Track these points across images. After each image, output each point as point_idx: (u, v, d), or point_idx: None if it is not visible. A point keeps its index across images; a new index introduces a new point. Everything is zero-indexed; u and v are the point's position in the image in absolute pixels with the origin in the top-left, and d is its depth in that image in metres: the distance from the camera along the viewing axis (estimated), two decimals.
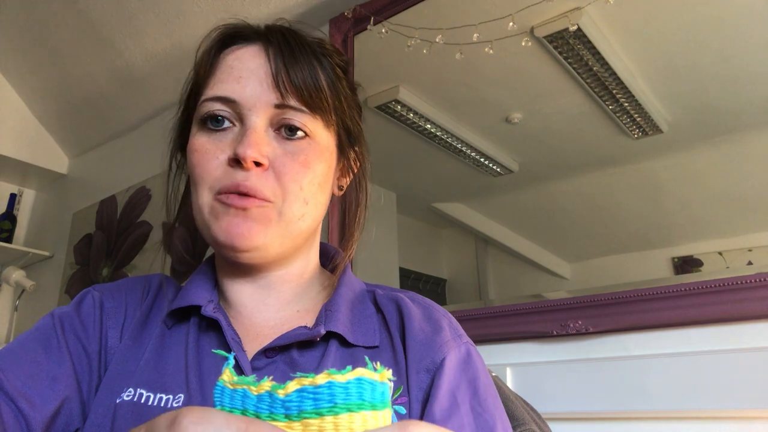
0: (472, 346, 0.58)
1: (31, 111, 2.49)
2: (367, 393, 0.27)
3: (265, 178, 0.54)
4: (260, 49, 0.58)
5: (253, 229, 0.53)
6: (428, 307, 0.60)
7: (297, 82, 0.55)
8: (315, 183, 0.57)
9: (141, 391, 0.53)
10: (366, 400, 0.27)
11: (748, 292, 0.88)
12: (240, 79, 0.56)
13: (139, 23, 1.89)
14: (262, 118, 0.55)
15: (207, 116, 0.56)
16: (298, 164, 0.55)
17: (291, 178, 0.55)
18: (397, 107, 1.42)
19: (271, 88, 0.55)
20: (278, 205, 0.54)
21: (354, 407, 0.27)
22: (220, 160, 0.55)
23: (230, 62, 0.57)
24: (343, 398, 0.27)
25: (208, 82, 0.58)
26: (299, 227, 0.57)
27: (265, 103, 0.55)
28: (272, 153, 0.55)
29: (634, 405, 0.93)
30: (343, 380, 0.27)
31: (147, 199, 2.09)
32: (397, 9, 1.45)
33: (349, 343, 0.56)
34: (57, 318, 0.58)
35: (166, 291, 0.64)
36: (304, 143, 0.56)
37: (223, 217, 0.54)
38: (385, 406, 0.28)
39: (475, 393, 0.53)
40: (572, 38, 1.17)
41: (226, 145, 0.55)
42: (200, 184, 0.55)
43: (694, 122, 1.06)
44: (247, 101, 0.55)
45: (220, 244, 0.55)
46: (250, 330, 0.58)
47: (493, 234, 1.32)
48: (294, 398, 0.27)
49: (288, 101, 0.55)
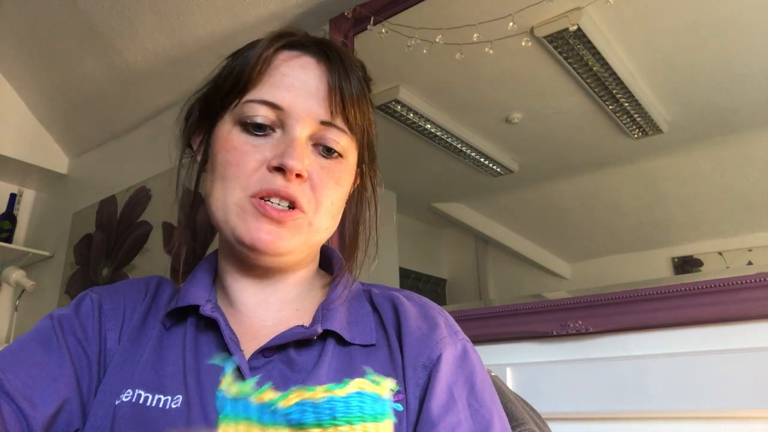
0: (468, 342, 0.58)
1: (31, 111, 2.49)
2: (367, 406, 0.28)
3: (302, 189, 0.55)
4: (314, 62, 0.58)
5: (284, 237, 0.54)
6: (424, 305, 0.61)
7: (347, 104, 0.57)
8: (342, 199, 0.60)
9: (140, 392, 0.53)
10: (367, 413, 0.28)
11: (748, 292, 0.88)
12: (292, 87, 0.56)
13: (139, 23, 1.89)
14: (306, 131, 0.56)
15: (250, 119, 0.56)
16: (333, 181, 0.57)
17: (325, 193, 0.56)
18: (397, 107, 1.42)
19: (321, 104, 0.56)
20: (310, 216, 0.56)
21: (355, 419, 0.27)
22: (258, 162, 0.55)
23: (283, 69, 0.57)
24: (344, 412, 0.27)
25: (257, 83, 0.57)
26: (321, 238, 0.59)
27: (313, 118, 0.56)
28: (310, 166, 0.56)
29: (634, 405, 0.93)
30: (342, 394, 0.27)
31: (147, 199, 2.09)
32: (397, 9, 1.45)
33: (346, 341, 0.56)
34: (56, 319, 0.58)
35: (164, 292, 0.64)
36: (338, 162, 0.58)
37: (253, 221, 0.54)
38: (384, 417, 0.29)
39: (471, 389, 0.54)
40: (572, 38, 1.17)
41: (266, 149, 0.55)
42: (232, 181, 0.55)
43: (694, 122, 1.06)
44: (296, 112, 0.55)
45: (243, 245, 0.55)
46: (249, 329, 0.59)
47: (493, 234, 1.32)
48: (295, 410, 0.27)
49: (336, 122, 0.57)
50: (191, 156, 0.65)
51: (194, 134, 0.64)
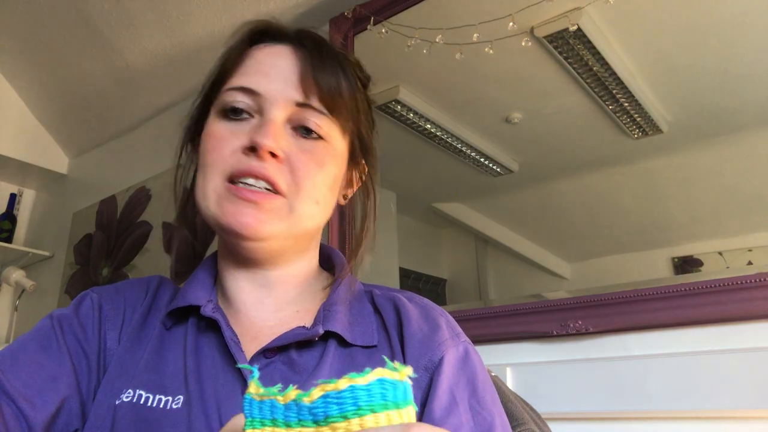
0: (470, 344, 0.58)
1: (31, 111, 2.49)
2: (389, 393, 0.28)
3: (280, 170, 0.54)
4: (289, 50, 0.59)
5: (263, 220, 0.54)
6: (426, 306, 0.60)
7: (321, 84, 0.57)
8: (327, 184, 0.58)
9: (140, 392, 0.53)
10: (389, 400, 0.28)
11: (748, 292, 0.88)
12: (267, 74, 0.57)
13: (139, 23, 1.89)
14: (282, 113, 0.56)
15: (227, 106, 0.57)
16: (313, 162, 0.56)
17: (305, 174, 0.55)
18: (397, 107, 1.42)
19: (296, 87, 0.56)
20: (290, 201, 0.55)
21: (378, 407, 0.28)
22: (235, 146, 0.55)
23: (259, 57, 0.59)
24: (366, 400, 0.28)
25: (234, 74, 0.58)
26: (306, 226, 0.57)
27: (288, 100, 0.56)
28: (288, 147, 0.55)
29: (634, 405, 0.93)
30: (364, 383, 0.28)
31: (147, 199, 2.09)
32: (397, 9, 1.45)
33: (348, 342, 0.56)
34: (56, 319, 0.58)
35: (164, 292, 0.64)
36: (319, 144, 0.57)
37: (230, 206, 0.54)
38: (407, 404, 0.29)
39: (473, 391, 0.54)
40: (572, 38, 1.17)
41: (243, 133, 0.56)
42: (211, 168, 0.56)
43: (694, 122, 1.06)
44: (271, 94, 0.56)
45: (225, 230, 0.55)
46: (249, 330, 0.58)
47: (493, 234, 1.32)
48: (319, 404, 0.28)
49: (310, 101, 0.56)
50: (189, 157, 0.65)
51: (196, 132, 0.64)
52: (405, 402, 0.29)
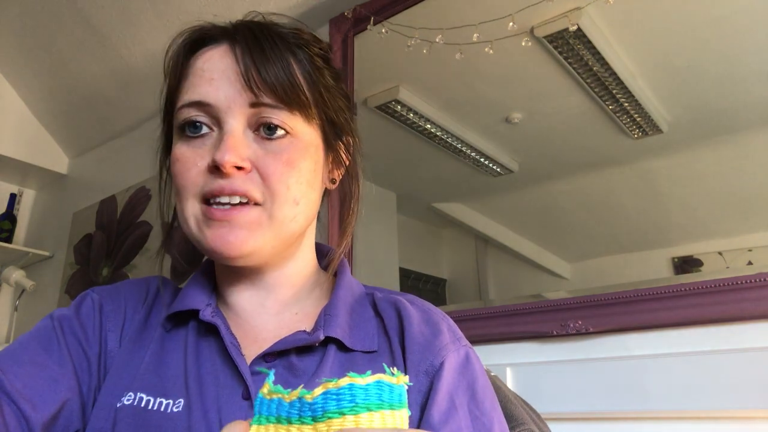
0: (470, 349, 0.58)
1: (31, 111, 2.49)
2: (385, 394, 0.30)
3: (250, 180, 0.53)
4: (228, 48, 0.56)
5: (240, 237, 0.52)
6: (427, 310, 0.60)
7: (269, 78, 0.53)
8: (303, 182, 0.55)
9: (141, 395, 0.53)
10: (385, 401, 0.30)
11: (748, 292, 0.88)
12: (212, 81, 0.54)
13: (139, 23, 1.89)
14: (239, 120, 0.54)
15: (184, 123, 0.55)
16: (282, 164, 0.54)
17: (277, 178, 0.53)
18: (397, 107, 1.42)
19: (244, 88, 0.53)
20: (268, 208, 0.53)
21: (374, 406, 0.29)
22: (199, 167, 0.54)
23: (200, 65, 0.56)
24: (363, 398, 0.29)
25: (181, 88, 0.57)
26: (291, 229, 0.56)
27: (240, 104, 0.53)
28: (253, 155, 0.53)
29: (634, 405, 0.93)
30: (363, 383, 0.30)
31: (147, 199, 2.09)
32: (397, 9, 1.45)
33: (348, 347, 0.56)
34: (56, 320, 0.57)
35: (165, 294, 0.64)
36: (285, 142, 0.54)
37: (206, 229, 0.53)
38: (402, 407, 0.31)
39: (473, 396, 0.53)
40: (572, 38, 1.17)
41: (206, 151, 0.54)
42: (184, 192, 0.55)
43: (694, 122, 1.06)
44: (222, 103, 0.54)
45: (210, 253, 0.54)
46: (249, 334, 0.58)
47: (493, 234, 1.32)
48: (319, 401, 0.30)
49: (262, 99, 0.53)
50: None
51: None
52: (400, 404, 0.30)
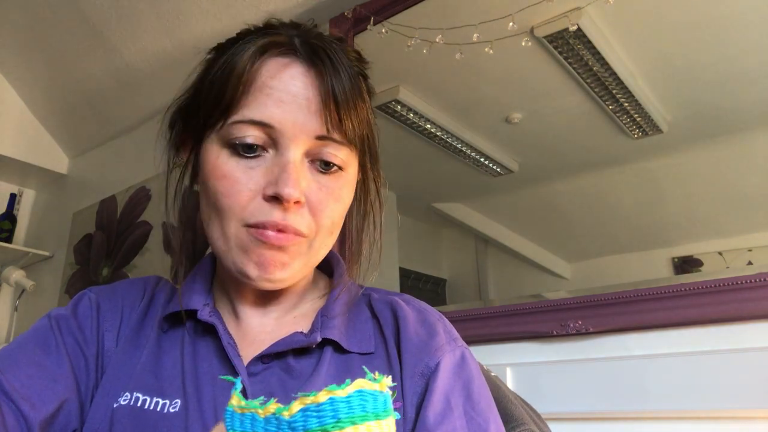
0: (466, 349, 0.58)
1: (31, 111, 2.49)
2: (369, 404, 0.28)
3: (301, 215, 0.52)
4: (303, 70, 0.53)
5: (286, 267, 0.53)
6: (423, 310, 0.60)
7: (342, 112, 0.52)
8: (343, 214, 0.57)
9: (138, 395, 0.53)
10: (369, 411, 0.28)
11: (748, 292, 0.88)
12: (280, 103, 0.51)
13: (139, 23, 1.89)
14: (301, 149, 0.52)
15: (239, 141, 0.51)
16: (332, 200, 0.54)
17: (326, 214, 0.54)
18: (397, 107, 1.42)
19: (315, 117, 0.51)
20: (310, 239, 0.54)
21: (358, 419, 0.28)
22: (252, 191, 0.51)
23: (268, 81, 0.52)
24: (346, 412, 0.28)
25: (242, 101, 0.52)
26: (321, 256, 0.58)
27: (307, 134, 0.51)
28: (308, 187, 0.52)
29: (634, 405, 0.93)
30: (343, 395, 0.28)
31: (147, 199, 2.09)
32: (397, 9, 1.45)
33: (345, 349, 0.56)
34: (54, 320, 0.57)
35: (161, 293, 0.64)
36: (337, 177, 0.55)
37: (254, 250, 0.52)
38: (387, 415, 0.29)
39: (468, 397, 0.53)
40: (572, 38, 1.17)
41: (259, 175, 0.51)
42: (227, 213, 0.52)
43: (694, 122, 1.06)
44: (288, 129, 0.51)
45: (248, 277, 0.53)
46: (247, 334, 0.58)
47: (493, 234, 1.32)
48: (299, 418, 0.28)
49: (333, 135, 0.52)
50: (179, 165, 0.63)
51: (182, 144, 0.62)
52: (385, 413, 0.29)
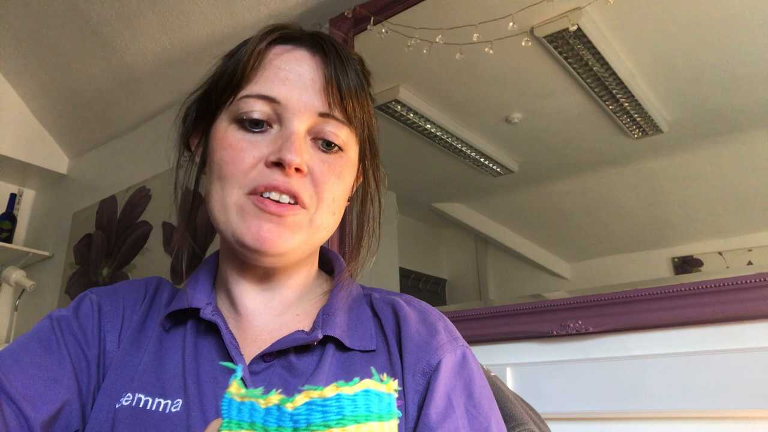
0: (467, 348, 0.58)
1: (31, 111, 2.49)
2: (374, 404, 0.28)
3: (303, 183, 0.54)
4: (307, 54, 0.57)
5: (284, 235, 0.53)
6: (424, 310, 0.60)
7: (344, 93, 0.56)
8: (344, 195, 0.59)
9: (140, 396, 0.53)
10: (373, 412, 0.28)
11: (748, 292, 0.88)
12: (287, 81, 0.55)
13: (139, 23, 1.89)
14: (304, 124, 0.55)
15: (246, 115, 0.55)
16: (334, 176, 0.56)
17: (327, 188, 0.55)
18: (397, 107, 1.42)
19: (319, 96, 0.55)
20: (311, 213, 0.55)
21: (361, 418, 0.28)
22: (255, 158, 0.54)
23: (277, 63, 0.56)
24: (351, 410, 0.28)
25: (251, 78, 0.56)
26: (321, 236, 0.58)
27: (311, 110, 0.55)
28: (310, 160, 0.55)
29: (634, 405, 0.93)
30: (350, 392, 0.28)
31: (147, 199, 2.09)
32: (397, 9, 1.45)
33: (346, 347, 0.56)
34: (55, 320, 0.57)
35: (163, 294, 0.64)
36: (338, 156, 0.57)
37: (253, 220, 0.53)
38: (391, 417, 0.29)
39: (470, 395, 0.54)
40: (572, 38, 1.17)
41: (264, 144, 0.54)
42: (230, 181, 0.54)
43: (694, 122, 1.06)
44: (293, 105, 0.54)
45: (244, 246, 0.54)
46: (249, 333, 0.58)
47: (493, 234, 1.32)
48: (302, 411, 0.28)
49: (334, 113, 0.55)
50: (190, 158, 0.64)
51: (192, 136, 0.63)
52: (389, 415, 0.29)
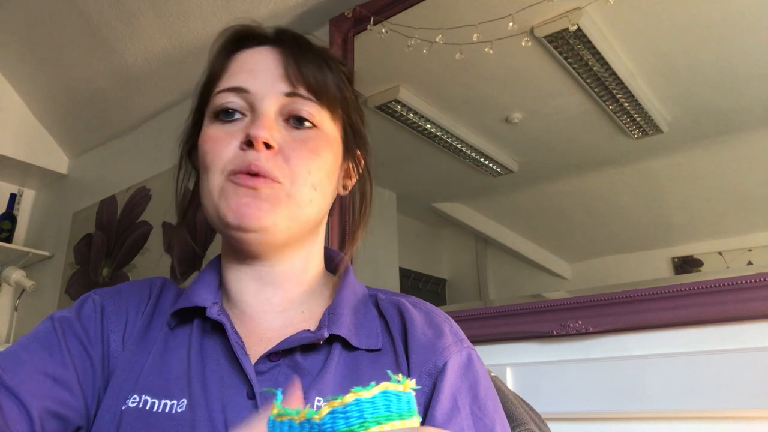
0: (473, 350, 0.58)
1: (31, 111, 2.49)
2: (393, 404, 0.29)
3: (274, 160, 0.56)
4: (271, 49, 0.61)
5: (262, 209, 0.54)
6: (430, 311, 0.61)
7: (306, 73, 0.59)
8: (323, 170, 0.59)
9: (146, 397, 0.53)
10: (393, 411, 0.29)
11: (748, 292, 0.88)
12: (252, 71, 0.59)
13: (139, 23, 1.89)
14: (273, 106, 0.58)
15: (219, 109, 0.59)
16: (306, 150, 0.58)
17: (299, 162, 0.57)
18: (397, 107, 1.42)
19: (282, 79, 0.59)
20: (287, 187, 0.56)
21: (383, 419, 0.29)
22: (232, 145, 0.57)
23: (243, 59, 0.61)
24: (372, 412, 0.29)
25: (221, 78, 0.61)
26: (307, 213, 0.58)
27: (276, 93, 0.58)
28: (281, 139, 0.57)
29: (634, 405, 0.93)
30: (369, 396, 0.29)
31: (147, 199, 2.09)
32: (397, 9, 1.45)
33: (353, 346, 0.56)
34: (57, 321, 0.57)
35: (168, 294, 0.64)
36: (312, 132, 0.59)
37: (232, 197, 0.55)
38: (411, 415, 0.30)
39: (475, 397, 0.54)
40: (572, 38, 1.17)
41: (238, 131, 0.57)
42: (211, 167, 0.57)
43: (694, 122, 1.06)
44: (259, 90, 0.58)
45: (228, 225, 0.55)
46: (254, 333, 0.58)
47: (493, 234, 1.32)
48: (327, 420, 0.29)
49: (298, 90, 0.58)
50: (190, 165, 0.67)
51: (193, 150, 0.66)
52: (409, 413, 0.30)
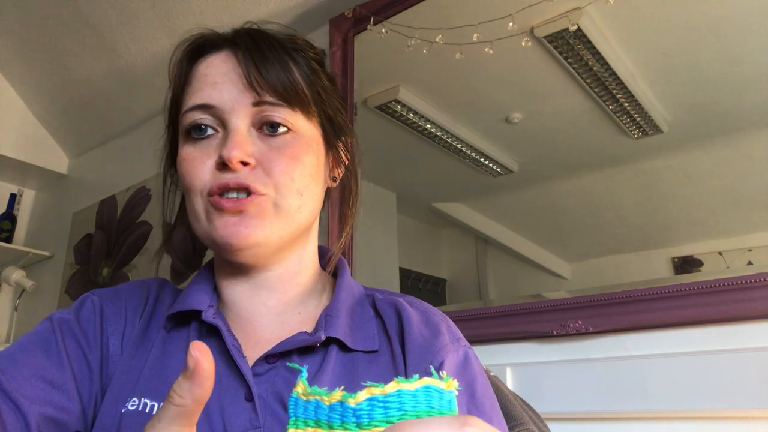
0: (470, 349, 0.58)
1: (31, 111, 2.49)
2: (435, 401, 0.28)
3: (254, 174, 0.55)
4: (229, 53, 0.59)
5: (250, 225, 0.54)
6: (426, 311, 0.61)
7: (269, 78, 0.56)
8: (306, 174, 0.57)
9: (145, 400, 0.53)
10: (434, 408, 0.28)
11: (748, 292, 0.88)
12: (215, 84, 0.57)
13: (139, 23, 1.89)
14: (243, 119, 0.56)
15: (190, 127, 0.57)
16: (285, 158, 0.56)
17: (280, 171, 0.55)
18: (397, 107, 1.42)
19: (247, 89, 0.56)
20: (272, 197, 0.55)
21: (423, 414, 0.28)
22: (207, 165, 0.56)
23: (203, 70, 0.59)
24: (413, 406, 0.28)
25: (186, 94, 0.59)
26: (297, 220, 0.57)
27: (243, 104, 0.56)
28: (258, 151, 0.55)
29: (634, 405, 0.93)
30: (411, 388, 0.28)
31: (147, 199, 2.09)
32: (397, 9, 1.45)
33: (349, 348, 0.56)
34: (56, 323, 0.57)
35: (165, 295, 0.64)
36: (287, 138, 0.57)
37: (218, 219, 0.54)
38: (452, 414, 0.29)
39: (472, 396, 0.54)
40: (572, 38, 1.17)
41: (212, 150, 0.56)
42: (192, 190, 0.56)
43: (694, 122, 1.06)
44: (226, 104, 0.56)
45: (218, 246, 0.55)
46: (251, 336, 0.58)
47: (493, 234, 1.32)
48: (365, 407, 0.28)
49: (264, 98, 0.56)
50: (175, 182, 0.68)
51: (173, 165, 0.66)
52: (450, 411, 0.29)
